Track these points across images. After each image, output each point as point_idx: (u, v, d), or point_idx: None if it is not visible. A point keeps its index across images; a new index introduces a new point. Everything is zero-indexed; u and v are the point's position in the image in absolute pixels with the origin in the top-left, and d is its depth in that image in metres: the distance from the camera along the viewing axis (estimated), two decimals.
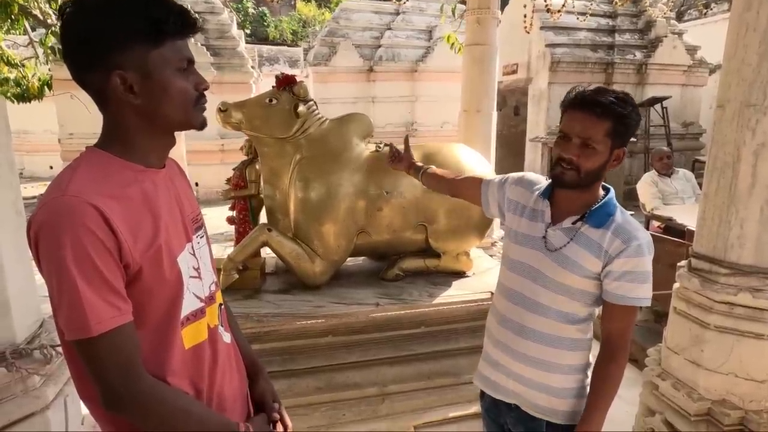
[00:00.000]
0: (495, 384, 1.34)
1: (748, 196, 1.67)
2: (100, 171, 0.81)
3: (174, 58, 0.84)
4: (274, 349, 2.22)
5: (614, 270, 1.14)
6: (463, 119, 4.27)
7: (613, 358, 1.19)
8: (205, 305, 0.94)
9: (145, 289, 0.82)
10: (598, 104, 1.11)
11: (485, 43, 4.06)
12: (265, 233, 2.19)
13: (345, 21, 10.40)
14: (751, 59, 1.63)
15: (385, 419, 2.18)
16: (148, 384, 0.80)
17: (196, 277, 0.93)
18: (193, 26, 0.86)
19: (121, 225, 0.77)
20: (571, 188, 1.18)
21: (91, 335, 0.74)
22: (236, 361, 1.05)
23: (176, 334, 0.87)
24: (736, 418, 1.68)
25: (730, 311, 1.70)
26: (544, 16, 7.58)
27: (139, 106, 0.83)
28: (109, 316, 0.75)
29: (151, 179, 0.87)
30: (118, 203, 0.78)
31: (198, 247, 0.96)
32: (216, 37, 8.92)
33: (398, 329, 2.33)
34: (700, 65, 8.46)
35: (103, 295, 0.75)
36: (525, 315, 1.25)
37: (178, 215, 0.92)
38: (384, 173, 2.25)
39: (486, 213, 1.47)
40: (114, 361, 0.77)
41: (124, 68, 0.80)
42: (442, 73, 9.80)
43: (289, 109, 2.16)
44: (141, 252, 0.80)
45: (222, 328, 1.01)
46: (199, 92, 0.89)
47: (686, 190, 4.22)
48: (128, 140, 0.85)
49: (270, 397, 1.09)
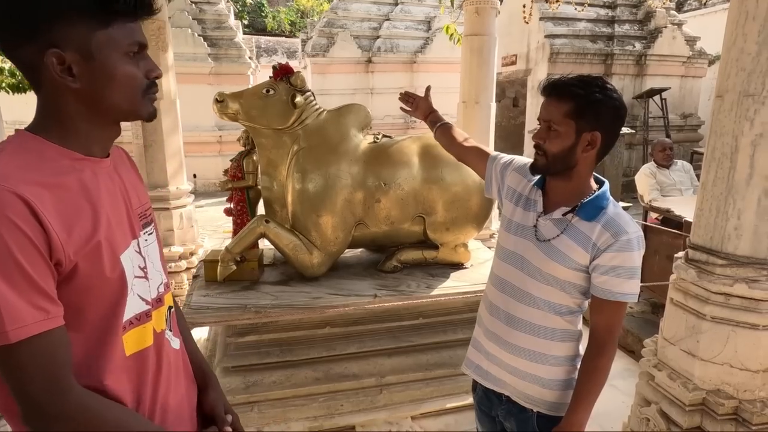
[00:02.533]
0: (486, 373, 1.35)
1: (745, 186, 1.67)
2: (31, 156, 0.72)
3: (123, 41, 0.75)
4: (273, 340, 2.23)
5: (602, 264, 1.13)
6: (461, 110, 4.26)
7: (601, 352, 1.18)
8: (151, 308, 0.86)
9: (81, 289, 0.74)
10: (557, 86, 1.15)
11: (484, 34, 4.03)
12: (262, 224, 2.18)
13: (343, 12, 10.31)
14: (750, 48, 1.62)
15: (383, 410, 2.19)
16: (77, 397, 0.72)
17: (141, 277, 0.85)
18: (148, 8, 0.77)
19: (51, 217, 0.68)
20: (544, 174, 1.21)
21: (9, 342, 0.65)
22: (184, 369, 0.97)
23: (116, 340, 0.79)
24: (730, 407, 1.69)
25: (726, 302, 1.71)
26: (543, 7, 7.53)
27: (78, 90, 0.74)
28: (33, 320, 0.67)
29: (91, 168, 0.78)
30: (50, 193, 0.70)
31: (145, 244, 0.88)
32: (213, 28, 8.83)
33: (396, 320, 2.34)
34: (699, 56, 8.42)
35: (27, 296, 0.66)
36: (514, 305, 1.26)
37: (122, 209, 0.83)
38: (382, 165, 2.24)
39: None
40: (38, 372, 0.68)
41: (63, 47, 0.71)
42: (441, 64, 9.74)
43: (287, 99, 2.15)
44: (76, 248, 0.72)
45: (170, 333, 0.93)
46: (150, 80, 0.81)
47: (684, 182, 4.22)
48: (65, 126, 0.76)
49: (221, 409, 1.00)
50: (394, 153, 2.27)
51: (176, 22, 8.02)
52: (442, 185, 2.26)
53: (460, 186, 2.26)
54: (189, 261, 4.04)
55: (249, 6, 20.72)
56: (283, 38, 18.44)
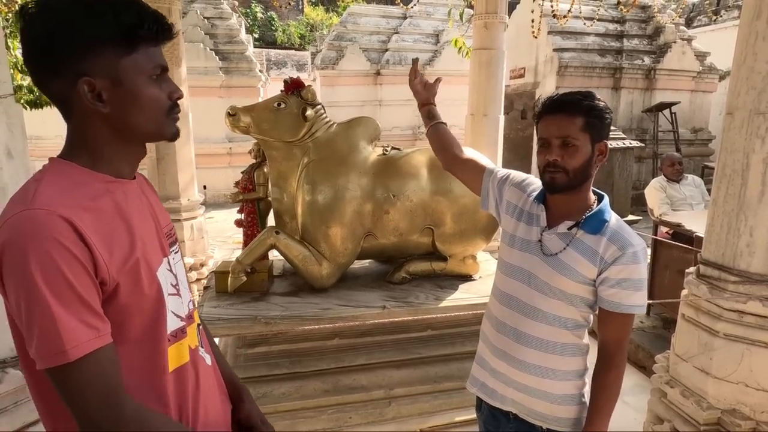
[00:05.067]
0: (492, 391, 1.33)
1: (758, 203, 1.66)
2: (68, 182, 0.75)
3: (147, 66, 0.79)
4: (282, 351, 2.24)
5: (610, 277, 1.15)
6: (470, 123, 4.28)
7: (612, 365, 1.19)
8: (185, 324, 0.88)
9: (123, 308, 0.76)
10: (567, 103, 1.16)
11: (492, 47, 4.07)
12: (273, 236, 2.20)
13: (352, 25, 10.45)
14: (760, 67, 1.62)
15: (392, 422, 2.18)
16: (132, 410, 0.73)
17: (175, 295, 0.86)
18: (168, 32, 0.81)
19: (94, 238, 0.71)
20: (565, 191, 1.19)
21: (69, 360, 0.67)
22: (218, 384, 0.99)
23: (162, 356, 0.81)
24: (748, 428, 1.66)
25: (739, 319, 1.68)
26: (551, 21, 7.58)
27: (107, 115, 0.77)
28: (87, 338, 0.68)
29: (122, 190, 0.81)
30: (90, 215, 0.72)
31: (174, 262, 0.90)
32: (225, 42, 8.99)
33: (405, 332, 2.34)
34: (709, 71, 8.40)
35: (79, 315, 0.68)
36: (522, 320, 1.25)
37: (152, 228, 0.86)
38: (391, 176, 2.26)
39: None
40: (93, 389, 0.70)
41: (93, 75, 0.75)
42: (449, 77, 9.79)
43: (297, 112, 2.18)
44: (117, 267, 0.74)
45: (203, 349, 0.95)
46: (173, 101, 0.84)
47: (695, 196, 4.19)
48: (96, 150, 0.80)
49: (258, 419, 1.02)
50: (402, 165, 2.29)
51: (189, 37, 8.18)
52: (450, 197, 2.27)
53: (468, 198, 2.27)
54: (199, 272, 4.07)
55: (260, 20, 21.06)
56: (292, 51, 18.69)
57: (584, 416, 1.25)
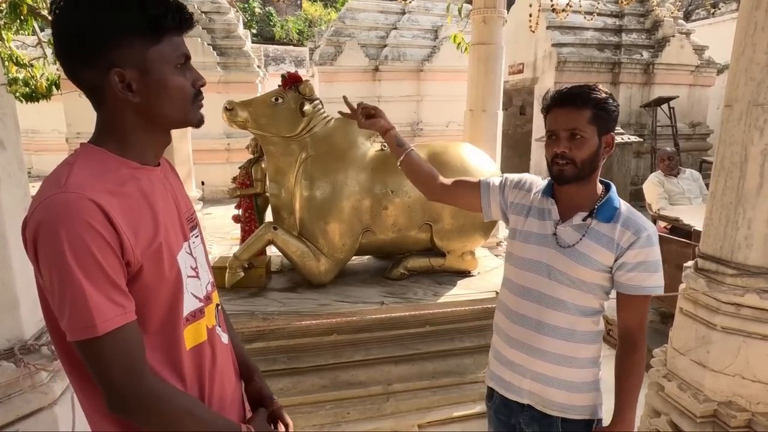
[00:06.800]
0: (509, 384, 1.36)
1: (756, 196, 1.66)
2: (98, 167, 0.79)
3: (172, 55, 0.82)
4: (280, 347, 2.24)
5: (628, 261, 1.18)
6: (468, 119, 4.27)
7: (635, 348, 1.23)
8: (203, 305, 0.92)
9: (146, 288, 0.80)
10: (576, 95, 1.19)
11: (491, 43, 4.05)
12: (270, 231, 2.20)
13: (351, 21, 10.40)
14: (759, 58, 1.62)
15: (390, 418, 2.18)
16: (153, 384, 0.78)
17: (194, 277, 0.90)
18: (189, 22, 0.84)
19: (122, 221, 0.75)
20: (574, 182, 1.22)
21: (97, 334, 0.72)
22: (233, 362, 1.04)
23: (179, 334, 0.85)
24: (743, 420, 1.67)
25: (736, 312, 1.69)
26: (550, 16, 7.55)
27: (137, 104, 0.81)
28: (114, 314, 0.73)
29: (148, 176, 0.85)
30: (117, 199, 0.76)
31: (194, 246, 0.94)
32: (222, 37, 8.94)
33: (403, 328, 2.34)
34: (707, 65, 8.39)
35: (107, 292, 0.73)
36: (543, 311, 1.27)
37: (175, 213, 0.90)
38: (389, 172, 2.25)
39: (485, 217, 1.44)
40: (119, 361, 0.74)
41: (123, 66, 0.78)
42: (448, 73, 9.78)
43: (295, 107, 2.17)
44: (142, 249, 0.78)
45: (220, 329, 0.99)
46: (197, 89, 0.87)
47: (693, 190, 4.19)
48: (124, 137, 0.83)
49: (267, 392, 1.08)
50: None
51: None
52: None
53: None
54: None
55: (258, 15, 20.98)
56: (291, 47, 18.63)
57: (599, 403, 1.30)
